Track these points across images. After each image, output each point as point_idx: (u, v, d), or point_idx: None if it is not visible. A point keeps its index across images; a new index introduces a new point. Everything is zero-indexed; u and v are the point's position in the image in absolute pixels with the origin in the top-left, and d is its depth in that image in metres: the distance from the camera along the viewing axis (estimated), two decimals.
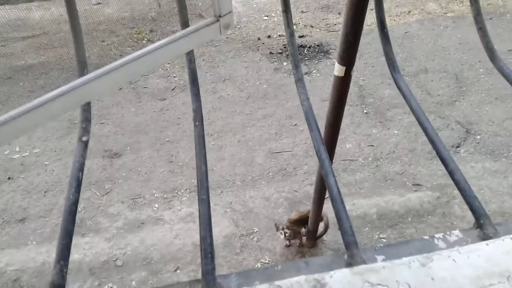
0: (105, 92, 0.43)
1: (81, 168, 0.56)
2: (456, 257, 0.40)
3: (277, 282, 0.39)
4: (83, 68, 0.66)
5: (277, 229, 2.61)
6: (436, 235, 0.50)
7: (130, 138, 3.59)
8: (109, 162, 3.36)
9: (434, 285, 0.39)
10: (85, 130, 0.61)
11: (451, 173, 0.54)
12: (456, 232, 0.50)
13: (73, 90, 0.40)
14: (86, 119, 0.62)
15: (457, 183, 0.53)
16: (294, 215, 2.58)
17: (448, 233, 0.50)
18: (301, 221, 2.56)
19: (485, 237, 0.48)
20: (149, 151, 3.45)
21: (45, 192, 3.13)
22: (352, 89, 4.00)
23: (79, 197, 0.54)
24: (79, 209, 3.00)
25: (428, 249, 0.48)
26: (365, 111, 3.77)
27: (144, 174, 3.26)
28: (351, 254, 0.47)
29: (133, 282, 2.57)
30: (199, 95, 0.62)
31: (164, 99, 4.00)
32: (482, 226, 0.49)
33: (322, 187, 2.35)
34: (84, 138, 0.60)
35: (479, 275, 0.40)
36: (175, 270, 2.62)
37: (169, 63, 4.45)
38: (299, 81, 0.67)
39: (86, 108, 0.64)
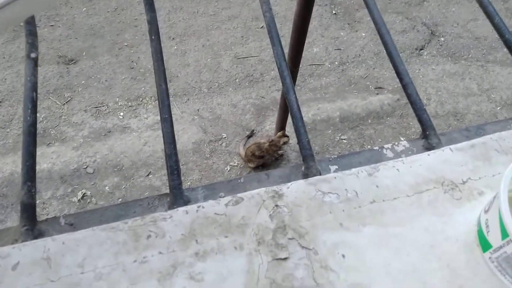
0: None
1: (34, 87, 0.53)
2: (399, 166, 0.45)
3: (239, 194, 0.43)
4: None
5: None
6: (385, 146, 0.54)
7: (84, 42, 3.34)
8: (65, 69, 3.17)
9: (378, 192, 0.44)
10: (32, 45, 0.56)
11: (405, 87, 0.57)
12: (404, 142, 0.54)
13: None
14: (32, 33, 0.57)
15: (409, 96, 0.56)
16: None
17: (396, 143, 0.54)
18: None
19: (429, 147, 0.53)
20: (107, 57, 3.26)
21: (0, 102, 2.97)
22: None
23: (37, 118, 0.53)
24: (40, 118, 2.92)
25: (377, 158, 0.53)
26: (334, 12, 3.65)
27: (105, 81, 3.13)
28: (308, 166, 0.51)
29: (107, 188, 2.66)
30: (153, 4, 0.57)
31: None
32: (428, 137, 0.54)
33: None
34: (33, 55, 0.55)
35: (418, 182, 0.45)
36: (147, 175, 2.72)
37: None
38: None
39: (30, 21, 0.58)
